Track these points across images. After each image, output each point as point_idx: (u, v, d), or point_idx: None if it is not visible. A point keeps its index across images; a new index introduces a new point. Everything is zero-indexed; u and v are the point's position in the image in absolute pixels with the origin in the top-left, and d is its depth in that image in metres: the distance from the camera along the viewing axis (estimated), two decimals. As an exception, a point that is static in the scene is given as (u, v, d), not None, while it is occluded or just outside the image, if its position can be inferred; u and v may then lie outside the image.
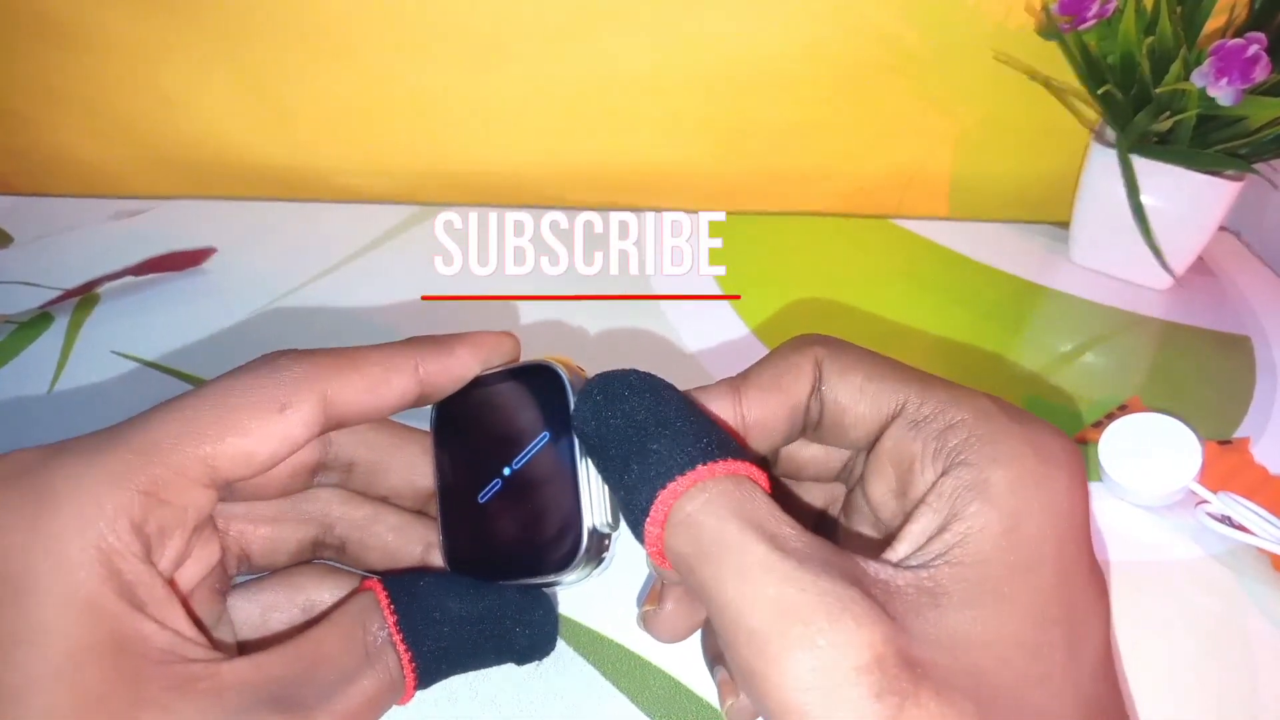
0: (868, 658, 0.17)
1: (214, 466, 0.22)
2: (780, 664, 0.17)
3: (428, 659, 0.23)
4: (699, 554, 0.19)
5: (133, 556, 0.20)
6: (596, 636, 0.33)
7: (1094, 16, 0.47)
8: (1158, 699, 0.32)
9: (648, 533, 0.20)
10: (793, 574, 0.18)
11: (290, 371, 0.23)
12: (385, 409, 0.25)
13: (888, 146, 0.63)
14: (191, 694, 0.20)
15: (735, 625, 0.18)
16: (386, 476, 0.27)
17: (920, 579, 0.19)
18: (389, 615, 0.23)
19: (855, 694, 0.17)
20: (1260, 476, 0.40)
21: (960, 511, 0.19)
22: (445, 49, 0.59)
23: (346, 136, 0.62)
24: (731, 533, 0.19)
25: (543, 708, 0.30)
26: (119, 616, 0.20)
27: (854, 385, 0.23)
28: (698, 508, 0.19)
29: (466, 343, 0.26)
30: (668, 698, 0.31)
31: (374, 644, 0.22)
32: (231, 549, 0.26)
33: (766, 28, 0.58)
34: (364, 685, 0.22)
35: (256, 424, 0.22)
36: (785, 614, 0.17)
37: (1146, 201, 0.50)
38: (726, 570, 0.18)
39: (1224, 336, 0.51)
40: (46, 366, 0.45)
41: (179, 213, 0.58)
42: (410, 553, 0.27)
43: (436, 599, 0.24)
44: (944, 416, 0.21)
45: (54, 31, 0.58)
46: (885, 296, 0.53)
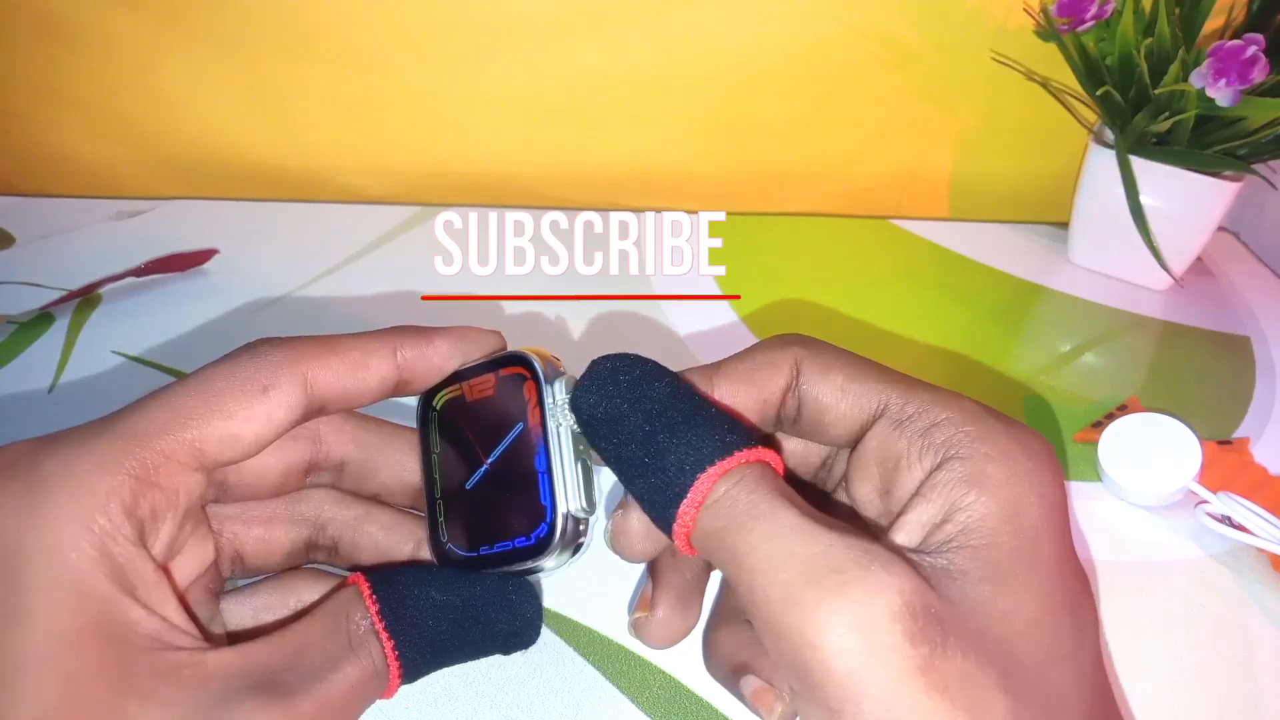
0: (899, 604, 0.17)
1: (201, 450, 0.22)
2: (816, 614, 0.17)
3: (411, 647, 0.23)
4: (731, 526, 0.19)
5: (124, 539, 0.21)
6: (596, 636, 0.33)
7: (1093, 18, 0.47)
8: (1158, 699, 0.32)
9: (681, 515, 0.20)
10: (821, 534, 0.18)
11: (271, 356, 0.24)
12: (366, 392, 0.25)
13: (887, 147, 0.63)
14: (176, 681, 0.20)
15: (768, 585, 0.18)
16: (377, 474, 0.27)
17: (935, 561, 0.19)
18: (371, 605, 0.23)
19: (890, 640, 0.17)
20: (1260, 476, 0.40)
21: (959, 502, 0.20)
22: (445, 49, 0.59)
23: (347, 136, 0.62)
24: (762, 504, 0.19)
25: (543, 708, 0.30)
26: (108, 600, 0.20)
27: (835, 384, 0.23)
28: (732, 486, 0.20)
29: (446, 333, 0.26)
30: (668, 698, 0.31)
31: (357, 633, 0.23)
32: (225, 550, 0.26)
33: (766, 27, 0.58)
34: (347, 673, 0.22)
35: (240, 406, 0.23)
36: (818, 567, 0.18)
37: (1145, 202, 0.50)
38: (757, 536, 0.19)
39: (1223, 337, 0.51)
40: (48, 366, 0.45)
41: (180, 213, 0.58)
42: (401, 550, 0.27)
43: (418, 588, 0.24)
44: (928, 415, 0.21)
45: (55, 32, 0.58)
46: (884, 297, 0.53)
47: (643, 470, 0.21)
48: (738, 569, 0.19)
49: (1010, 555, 0.19)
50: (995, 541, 0.19)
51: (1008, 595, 0.19)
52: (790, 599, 0.18)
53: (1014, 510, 0.20)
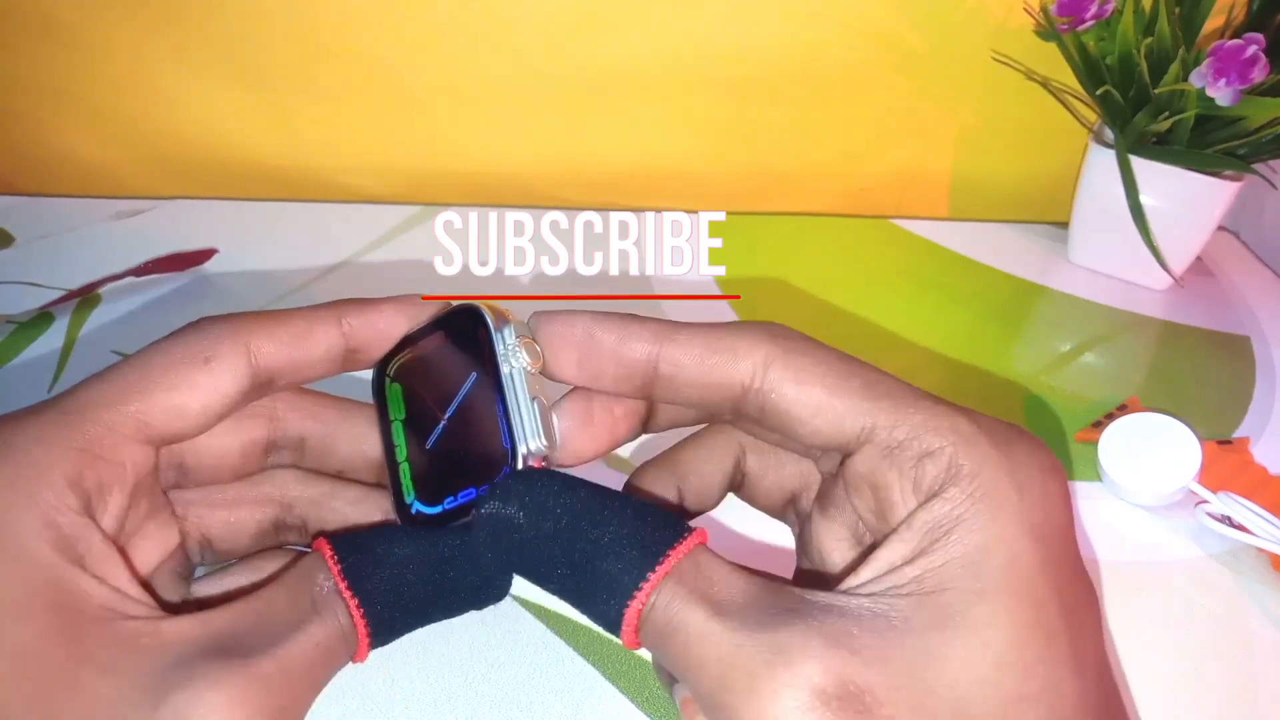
0: (805, 696, 0.17)
1: (146, 422, 0.22)
2: (735, 717, 0.18)
3: (377, 605, 0.23)
4: (659, 641, 0.20)
5: (69, 510, 0.20)
6: (596, 636, 0.33)
7: (1092, 17, 0.47)
8: (1157, 699, 0.32)
9: (623, 634, 0.21)
10: (730, 635, 0.19)
11: (212, 329, 0.24)
12: (314, 362, 0.25)
13: (887, 147, 0.63)
14: (133, 648, 0.19)
15: (698, 691, 0.19)
16: (337, 450, 0.27)
17: (876, 605, 0.19)
18: (333, 565, 0.23)
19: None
20: (1260, 476, 0.40)
21: (928, 548, 0.19)
22: (445, 49, 0.59)
23: (346, 136, 0.62)
24: (678, 614, 0.20)
25: (543, 708, 0.30)
26: (55, 569, 0.20)
27: (812, 399, 0.21)
28: (659, 609, 0.20)
29: (392, 300, 0.26)
30: (667, 698, 0.31)
31: (320, 595, 0.22)
32: (192, 534, 0.26)
33: (766, 28, 0.58)
34: (311, 632, 0.21)
35: (182, 378, 0.23)
36: (728, 673, 0.18)
37: (1145, 202, 0.50)
38: (676, 648, 0.20)
39: (1223, 336, 0.51)
40: (47, 366, 0.45)
41: (180, 213, 0.58)
42: (371, 523, 0.27)
43: (382, 547, 0.24)
44: (920, 443, 0.20)
45: (55, 32, 0.58)
46: (884, 296, 0.53)
47: (577, 603, 0.22)
48: (678, 673, 0.20)
49: (968, 599, 0.18)
50: (951, 587, 0.19)
51: (964, 641, 0.18)
52: (713, 709, 0.19)
53: (984, 552, 0.19)
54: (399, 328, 0.26)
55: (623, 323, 0.23)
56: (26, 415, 0.21)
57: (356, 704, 0.31)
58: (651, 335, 0.23)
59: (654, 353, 0.23)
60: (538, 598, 0.34)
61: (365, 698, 0.31)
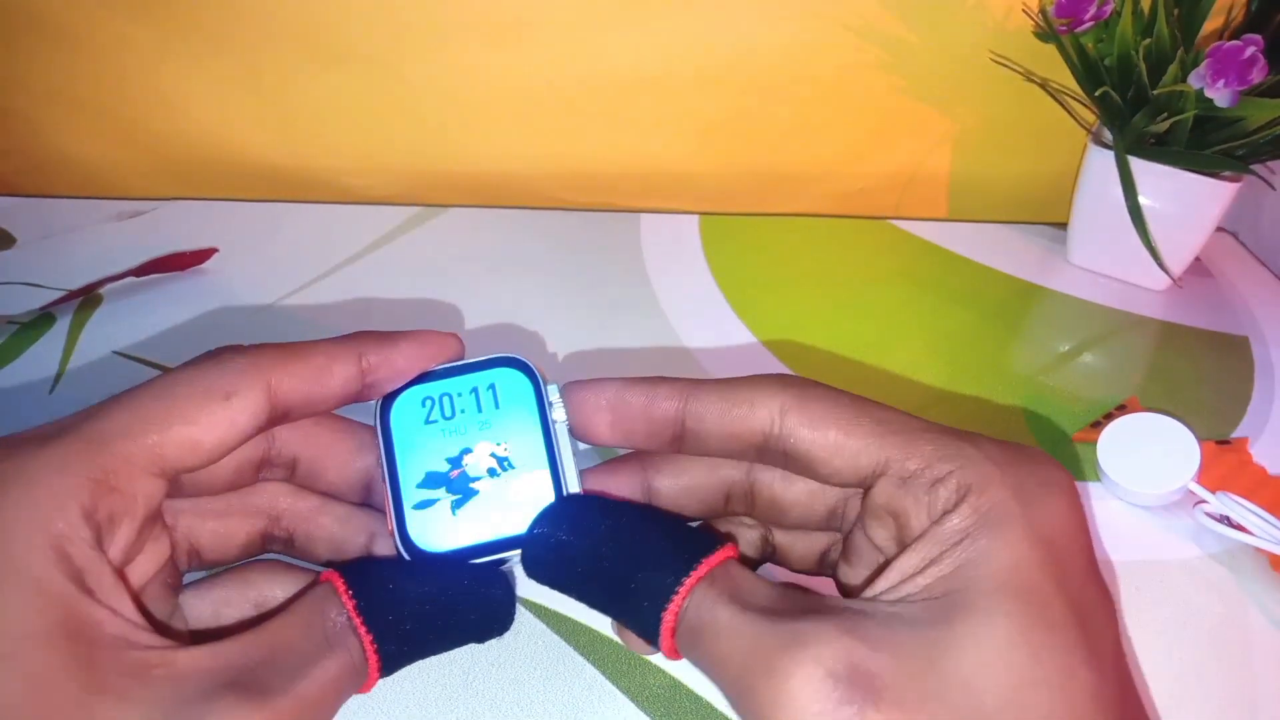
0: (820, 674, 0.19)
1: (162, 455, 0.22)
2: (759, 703, 0.19)
3: (389, 640, 0.23)
4: (693, 641, 0.22)
5: (82, 542, 0.20)
6: (596, 636, 0.33)
7: (1091, 18, 0.47)
8: (1157, 698, 0.32)
9: (661, 639, 0.22)
10: (753, 626, 0.20)
11: (235, 362, 0.24)
12: (330, 398, 0.25)
13: (886, 147, 0.63)
14: (147, 680, 0.20)
15: (725, 686, 0.21)
16: (325, 472, 0.28)
17: (890, 608, 0.20)
18: (347, 600, 0.23)
19: (818, 707, 0.18)
20: (1259, 476, 0.40)
21: (937, 558, 0.21)
22: (445, 49, 0.59)
23: (347, 136, 0.62)
24: (709, 613, 0.21)
25: (543, 708, 0.31)
26: (71, 601, 0.20)
27: (828, 441, 0.23)
28: (691, 610, 0.22)
29: (411, 338, 0.26)
30: (668, 698, 0.31)
31: (334, 629, 0.23)
32: (181, 544, 0.26)
33: (766, 28, 0.58)
34: (326, 667, 0.22)
35: (202, 412, 0.23)
36: (749, 659, 0.20)
37: (1144, 202, 0.50)
38: (706, 644, 0.21)
39: (1222, 337, 0.52)
40: (48, 367, 0.45)
41: (180, 213, 0.59)
42: (356, 543, 0.27)
43: (393, 583, 0.24)
44: (931, 471, 0.22)
45: (55, 32, 0.58)
46: (884, 297, 0.53)
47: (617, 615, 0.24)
48: (707, 671, 0.21)
49: (974, 597, 0.20)
50: (958, 589, 0.20)
51: (970, 632, 0.19)
52: (741, 698, 0.20)
53: (988, 556, 0.20)
54: (415, 366, 0.27)
55: (650, 385, 0.25)
56: (44, 439, 0.21)
57: (356, 703, 0.31)
58: (677, 393, 0.25)
59: (680, 409, 0.25)
60: (538, 598, 0.34)
61: (365, 697, 0.31)
